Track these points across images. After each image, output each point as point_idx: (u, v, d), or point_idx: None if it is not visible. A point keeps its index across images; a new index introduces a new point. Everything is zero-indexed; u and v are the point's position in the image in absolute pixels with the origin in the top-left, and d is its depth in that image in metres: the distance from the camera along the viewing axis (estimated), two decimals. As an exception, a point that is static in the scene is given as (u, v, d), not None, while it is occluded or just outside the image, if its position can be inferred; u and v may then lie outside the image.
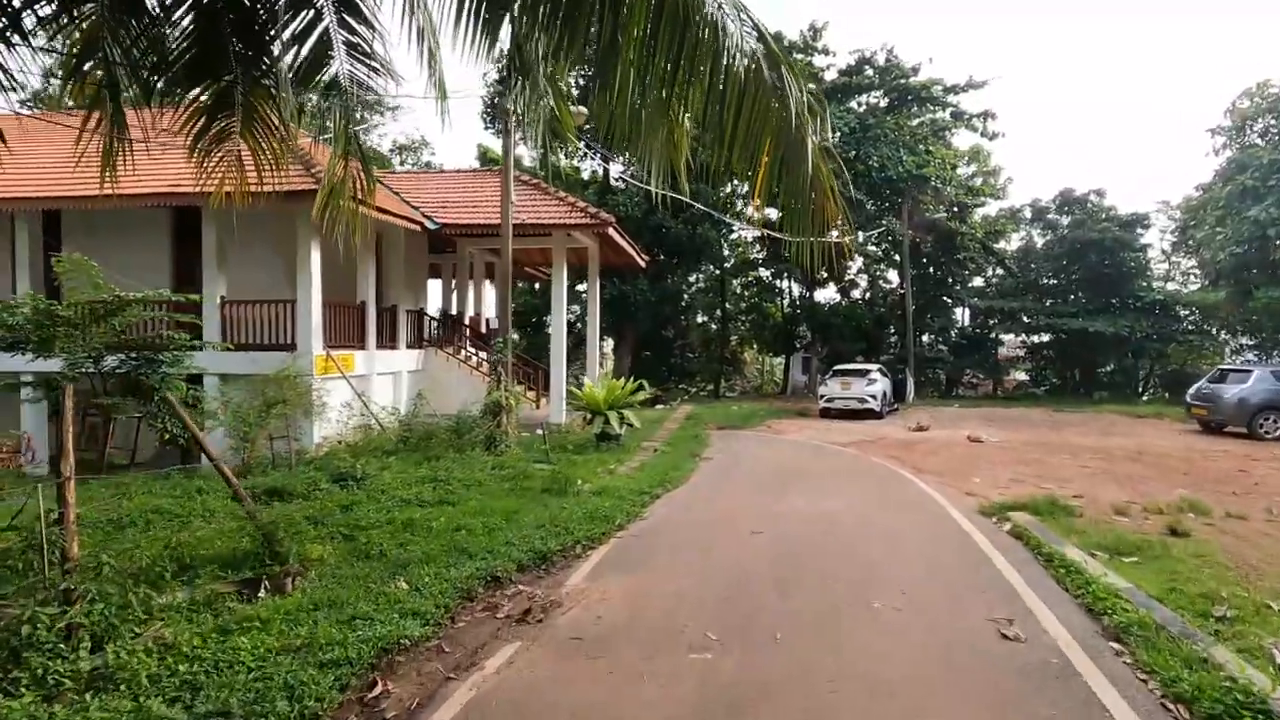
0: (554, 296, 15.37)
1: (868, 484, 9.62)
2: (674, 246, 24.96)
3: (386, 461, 9.81)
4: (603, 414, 12.63)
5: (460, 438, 11.19)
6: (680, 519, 7.63)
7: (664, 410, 20.76)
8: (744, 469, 10.89)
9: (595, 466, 10.64)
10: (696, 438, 14.35)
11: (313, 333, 12.26)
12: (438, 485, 8.74)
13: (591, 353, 19.02)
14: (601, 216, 14.00)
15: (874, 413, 19.01)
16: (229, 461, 10.27)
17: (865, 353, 28.73)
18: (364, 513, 7.17)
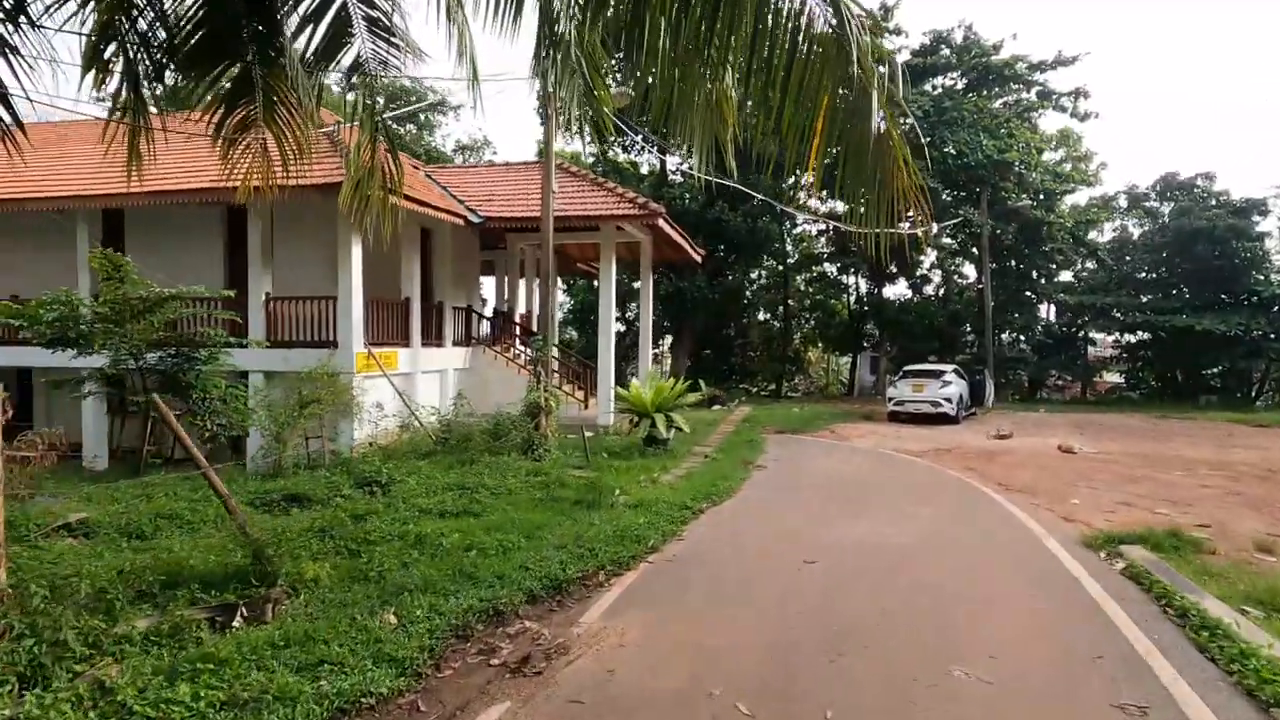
0: (602, 292, 14.65)
1: (943, 503, 8.44)
2: (733, 241, 23.91)
3: (417, 465, 9.29)
4: (649, 417, 11.83)
5: (497, 440, 10.59)
6: (722, 542, 6.72)
7: (720, 411, 19.79)
8: (800, 481, 9.85)
9: (637, 474, 9.84)
10: (751, 443, 13.35)
11: (353, 330, 11.91)
12: (464, 493, 8.12)
13: (643, 351, 18.22)
14: (651, 207, 13.18)
15: (949, 417, 17.51)
16: (261, 463, 10.05)
17: (938, 352, 26.93)
18: (377, 524, 6.59)
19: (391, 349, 13.04)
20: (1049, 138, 27.55)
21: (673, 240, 16.54)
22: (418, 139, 37.22)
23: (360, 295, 12.09)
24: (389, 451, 10.35)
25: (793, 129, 5.14)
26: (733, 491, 8.87)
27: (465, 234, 17.32)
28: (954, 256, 29.72)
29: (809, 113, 4.87)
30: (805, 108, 4.84)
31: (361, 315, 12.11)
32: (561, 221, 13.47)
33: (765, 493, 9.03)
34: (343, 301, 12.01)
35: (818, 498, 8.63)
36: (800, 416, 18.39)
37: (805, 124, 5.06)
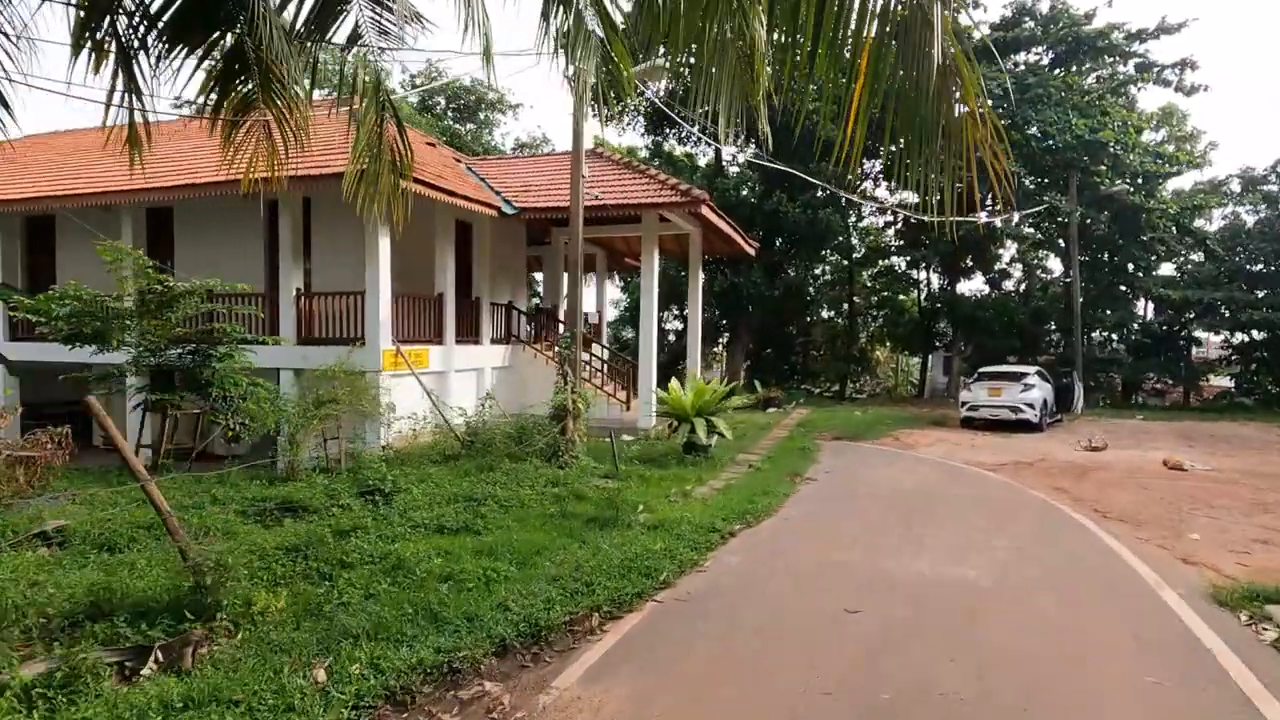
0: (643, 288, 13.74)
1: (1024, 532, 7.09)
2: (792, 233, 22.56)
3: (429, 472, 8.61)
4: (689, 421, 10.84)
5: (521, 444, 9.84)
6: (749, 576, 5.68)
7: (775, 414, 18.56)
8: (853, 499, 8.65)
9: (669, 486, 8.88)
10: (803, 451, 12.16)
11: (381, 326, 11.42)
12: (470, 506, 7.37)
13: (691, 351, 17.20)
14: (694, 193, 12.17)
15: (1030, 424, 15.76)
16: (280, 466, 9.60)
17: (1019, 352, 24.77)
18: (359, 543, 5.87)
19: (422, 347, 12.51)
20: (1149, 116, 24.92)
21: (722, 232, 15.48)
22: (477, 137, 37.28)
23: (387, 290, 11.59)
24: (409, 455, 9.74)
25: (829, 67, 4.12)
26: (772, 510, 7.79)
27: (509, 228, 16.75)
28: (1037, 248, 27.37)
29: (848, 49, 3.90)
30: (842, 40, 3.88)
31: (389, 311, 11.60)
32: (597, 211, 12.65)
33: (810, 513, 7.90)
34: (370, 297, 11.53)
35: (871, 521, 7.44)
36: (862, 421, 16.97)
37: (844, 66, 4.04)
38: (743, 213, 21.57)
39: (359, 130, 7.00)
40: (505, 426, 10.31)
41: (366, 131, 7.18)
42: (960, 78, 3.62)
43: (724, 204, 20.97)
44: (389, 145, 7.71)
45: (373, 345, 11.50)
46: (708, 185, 21.99)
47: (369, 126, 7.15)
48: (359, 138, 7.00)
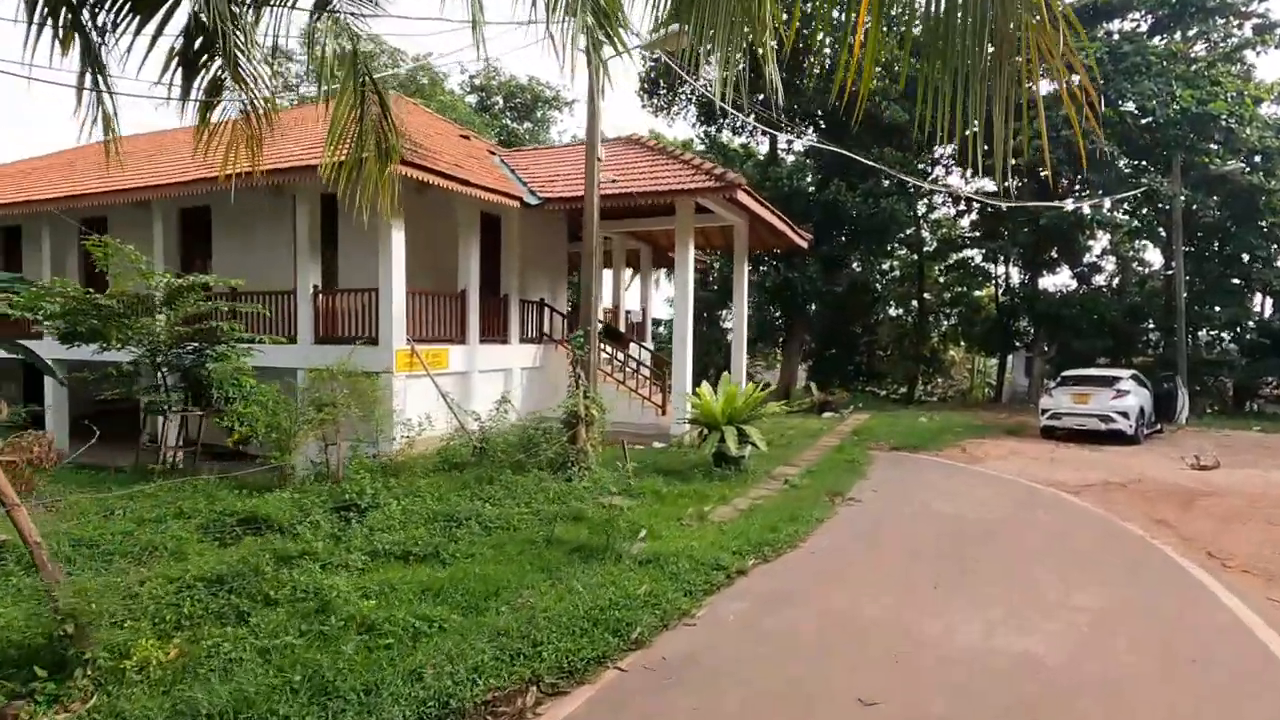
0: (676, 283, 12.66)
1: (1114, 587, 5.46)
2: (853, 224, 20.94)
3: (419, 484, 7.81)
4: (718, 430, 9.71)
5: (528, 454, 8.95)
6: (747, 637, 4.52)
7: (830, 420, 17.11)
8: (897, 528, 7.29)
9: (687, 505, 7.81)
10: (851, 464, 10.81)
11: (394, 324, 10.81)
12: (448, 527, 6.52)
13: (736, 351, 15.98)
14: (728, 178, 11.01)
15: (1124, 436, 13.79)
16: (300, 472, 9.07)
17: (1111, 353, 22.31)
18: (298, 574, 5.07)
19: (441, 346, 11.85)
20: (1269, 85, 21.94)
21: (769, 222, 14.24)
22: (535, 135, 37.08)
23: (401, 287, 10.97)
24: (412, 463, 8.97)
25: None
26: (798, 540, 6.58)
27: (544, 223, 16.03)
28: (1134, 238, 24.66)
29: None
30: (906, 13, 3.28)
31: (403, 308, 10.99)
32: (623, 200, 11.66)
33: (842, 546, 6.63)
34: (383, 293, 10.94)
35: (915, 561, 6.11)
36: (926, 429, 15.34)
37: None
38: (798, 204, 20.17)
39: (335, 109, 6.26)
40: (517, 433, 9.44)
41: (344, 111, 6.44)
42: (1044, 49, 2.87)
43: (777, 195, 19.64)
44: (372, 127, 6.96)
45: (385, 345, 10.91)
46: (760, 175, 20.68)
47: (346, 105, 6.41)
48: (335, 118, 6.27)
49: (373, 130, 7.33)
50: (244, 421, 8.32)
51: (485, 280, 13.75)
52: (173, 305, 8.97)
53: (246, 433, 8.32)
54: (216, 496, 7.46)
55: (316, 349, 11.42)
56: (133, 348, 9.27)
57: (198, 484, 7.88)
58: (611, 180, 9.94)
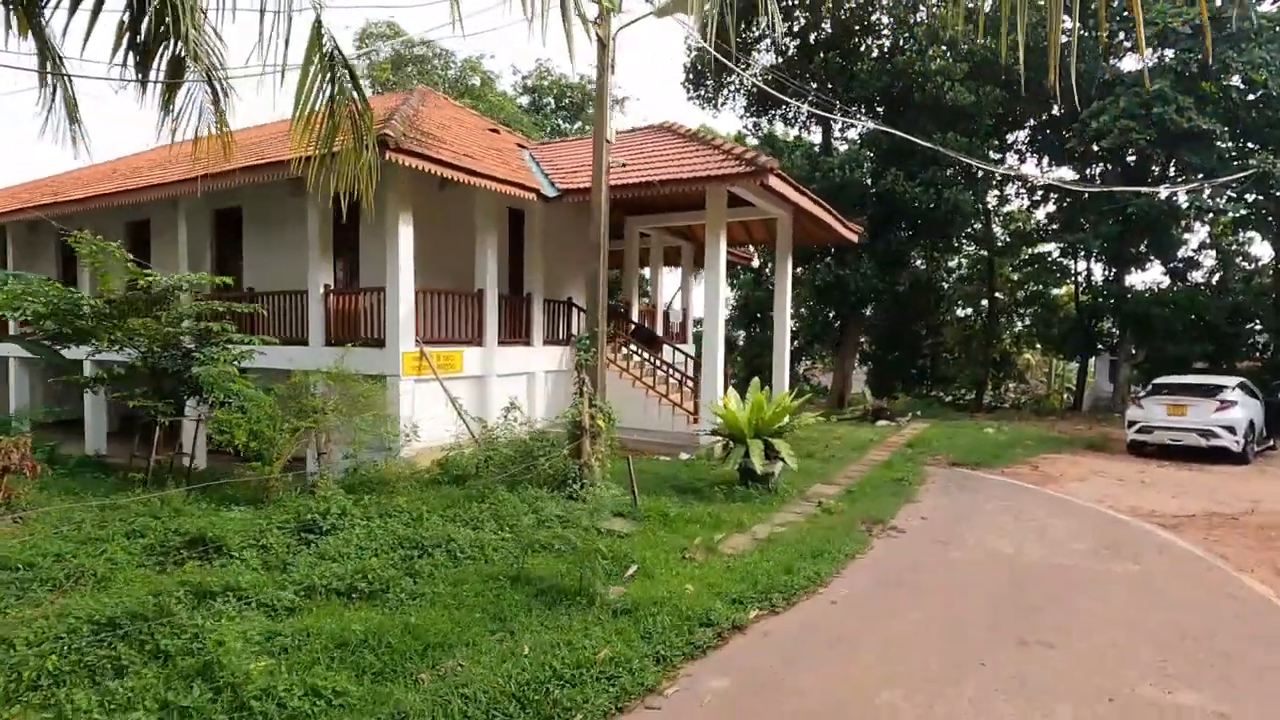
0: (706, 281, 11.60)
1: (1233, 674, 4.13)
2: (912, 217, 19.34)
3: (398, 503, 7.05)
4: (743, 443, 8.63)
5: (526, 469, 8.10)
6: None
7: (884, 429, 15.67)
8: (944, 573, 6.00)
9: (698, 531, 6.79)
10: (900, 483, 9.51)
11: (400, 325, 10.19)
12: (413, 555, 5.72)
13: (778, 355, 14.78)
14: (759, 161, 9.89)
15: (1230, 454, 11.91)
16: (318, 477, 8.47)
17: (1211, 358, 19.91)
18: (205, 618, 4.33)
19: (455, 349, 11.17)
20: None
21: (813, 215, 13.02)
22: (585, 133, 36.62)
23: (409, 285, 10.35)
24: (399, 477, 8.25)
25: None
26: (818, 584, 5.46)
27: (574, 218, 15.27)
28: (1238, 228, 22.05)
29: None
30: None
31: (411, 308, 10.36)
32: (645, 190, 10.69)
33: (870, 594, 5.45)
34: (390, 292, 10.34)
35: (961, 624, 4.86)
36: (993, 441, 13.76)
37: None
38: (850, 196, 18.75)
39: (299, 88, 5.58)
40: (519, 444, 8.58)
41: (310, 89, 5.74)
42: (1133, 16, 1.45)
43: (828, 187, 18.30)
44: (347, 111, 6.28)
45: (392, 347, 10.30)
46: (809, 167, 19.35)
47: (309, 86, 5.72)
48: (300, 97, 5.58)
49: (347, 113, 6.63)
50: (223, 429, 7.78)
51: (510, 279, 13.04)
52: (164, 305, 8.54)
53: (225, 441, 7.77)
54: (183, 511, 6.89)
55: (329, 351, 10.91)
56: (130, 350, 8.91)
57: (173, 496, 7.37)
58: (621, 165, 8.96)
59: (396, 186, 10.23)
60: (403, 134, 9.25)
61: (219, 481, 7.69)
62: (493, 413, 10.75)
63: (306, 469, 8.93)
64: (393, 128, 8.93)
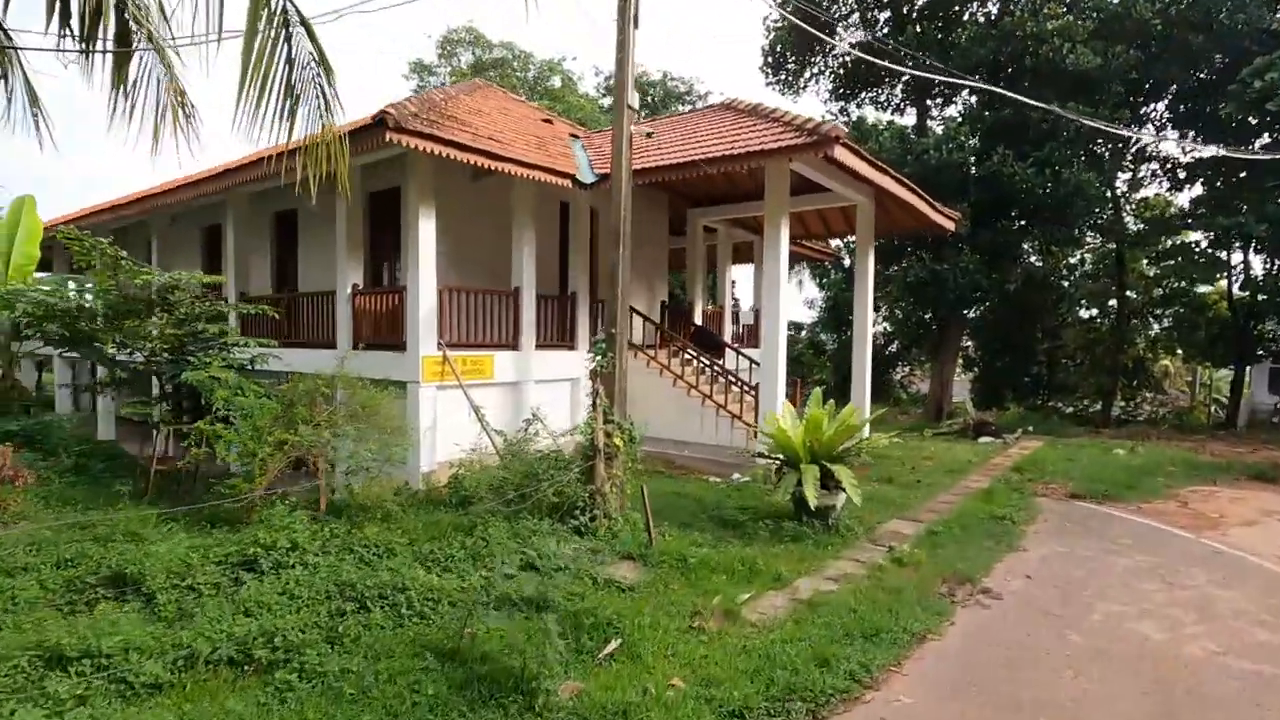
0: (766, 276, 10.00)
1: None
2: (1023, 203, 16.78)
3: (365, 534, 5.98)
4: (796, 468, 7.06)
5: (528, 494, 6.86)
6: None
7: (986, 448, 13.44)
8: (1051, 673, 4.15)
9: (721, 586, 5.33)
10: (1001, 522, 7.58)
11: (420, 327, 9.31)
12: (343, 611, 4.60)
13: (858, 361, 12.91)
14: (821, 129, 8.23)
15: None
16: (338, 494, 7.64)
17: None
18: (18, 705, 3.35)
19: (485, 352, 10.18)
20: None
21: (900, 199, 11.15)
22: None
23: (431, 283, 9.47)
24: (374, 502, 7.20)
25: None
26: (865, 685, 3.86)
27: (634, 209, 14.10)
28: None
29: None
30: None
31: (433, 309, 9.47)
32: (687, 171, 9.28)
33: (941, 708, 3.80)
34: (410, 291, 9.48)
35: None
36: (1124, 466, 11.33)
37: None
38: (949, 180, 16.49)
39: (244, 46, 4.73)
40: (527, 463, 7.35)
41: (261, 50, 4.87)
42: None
43: (922, 171, 16.15)
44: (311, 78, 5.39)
45: (411, 350, 9.42)
46: (900, 149, 17.22)
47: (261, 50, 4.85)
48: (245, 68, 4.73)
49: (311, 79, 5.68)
50: (200, 441, 7.04)
51: (559, 278, 11.93)
52: (165, 305, 7.97)
53: (202, 455, 7.02)
54: (141, 535, 6.14)
55: (362, 355, 10.21)
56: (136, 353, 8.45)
57: (147, 514, 6.67)
58: (646, 135, 7.52)
59: (417, 176, 9.34)
60: (413, 114, 8.31)
61: (196, 505, 6.92)
62: (511, 423, 9.65)
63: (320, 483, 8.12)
64: (397, 107, 7.99)
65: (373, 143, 7.88)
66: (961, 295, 17.68)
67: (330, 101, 5.83)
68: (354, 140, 8.23)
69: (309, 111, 5.72)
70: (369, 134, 7.89)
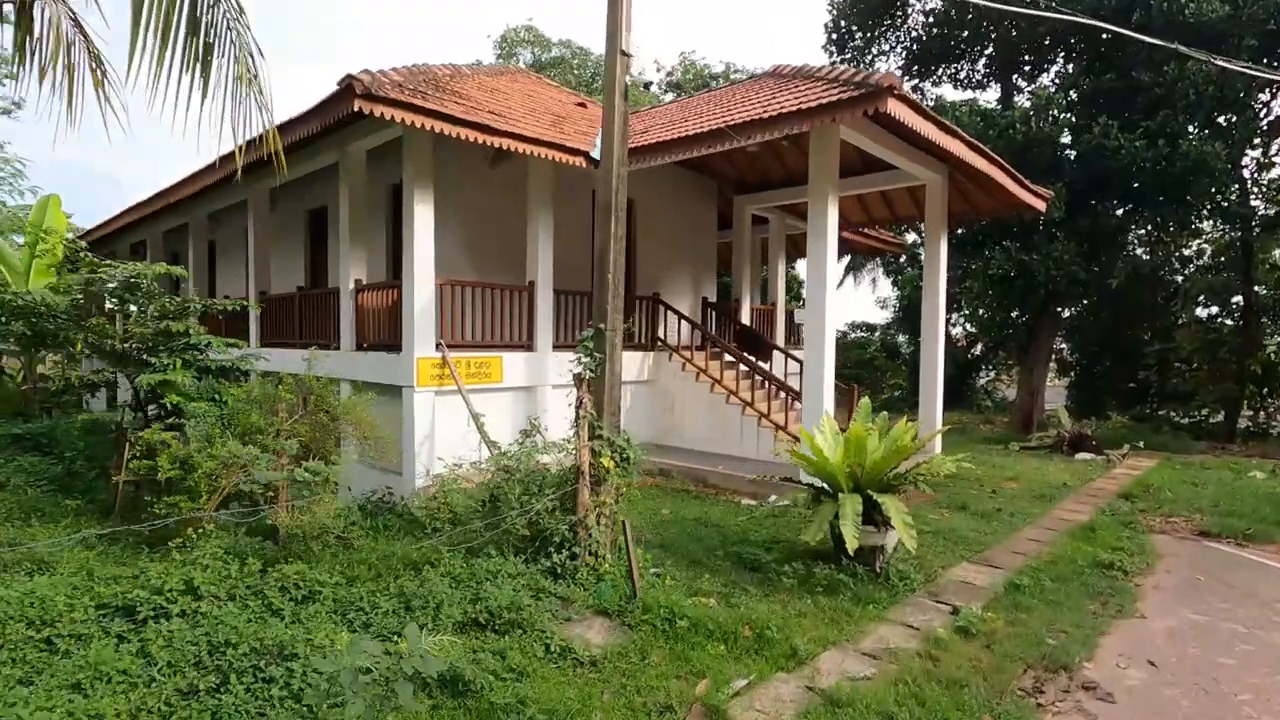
0: (809, 266, 8.46)
1: None
2: (1130, 182, 14.44)
3: (285, 574, 4.92)
4: (834, 497, 5.60)
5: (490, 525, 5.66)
6: None
7: (1085, 466, 11.39)
8: None
9: (710, 664, 3.98)
10: (1108, 575, 5.85)
11: (415, 325, 8.38)
12: (193, 689, 3.53)
13: (928, 366, 11.15)
14: (872, 80, 6.71)
15: None
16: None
17: None
18: None
19: (492, 353, 9.16)
20: None
21: (976, 170, 9.42)
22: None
23: (429, 277, 8.54)
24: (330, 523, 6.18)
25: None
26: None
27: (673, 199, 12.95)
28: None
29: None
30: None
31: (430, 305, 8.51)
32: (715, 144, 7.92)
33: None
34: (405, 286, 8.56)
35: None
36: (1266, 495, 9.14)
37: None
38: (1039, 158, 14.39)
39: None
40: (492, 486, 6.16)
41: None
42: None
43: (1007, 148, 14.10)
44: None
45: (406, 351, 8.48)
46: (982, 126, 15.18)
47: None
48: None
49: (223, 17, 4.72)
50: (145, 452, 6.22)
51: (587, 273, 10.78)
52: (127, 303, 7.29)
53: (143, 467, 6.19)
54: (53, 564, 5.32)
55: (361, 357, 9.39)
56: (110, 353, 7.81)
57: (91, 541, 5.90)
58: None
59: (413, 157, 8.38)
60: (397, 84, 7.31)
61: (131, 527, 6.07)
62: (552, 430, 8.50)
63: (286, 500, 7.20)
64: (372, 74, 7.01)
65: (340, 114, 6.93)
66: (1054, 290, 15.45)
67: (251, 54, 4.86)
68: (321, 112, 7.34)
69: (227, 65, 4.78)
70: (336, 105, 6.94)
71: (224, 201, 12.85)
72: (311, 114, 7.35)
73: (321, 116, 7.26)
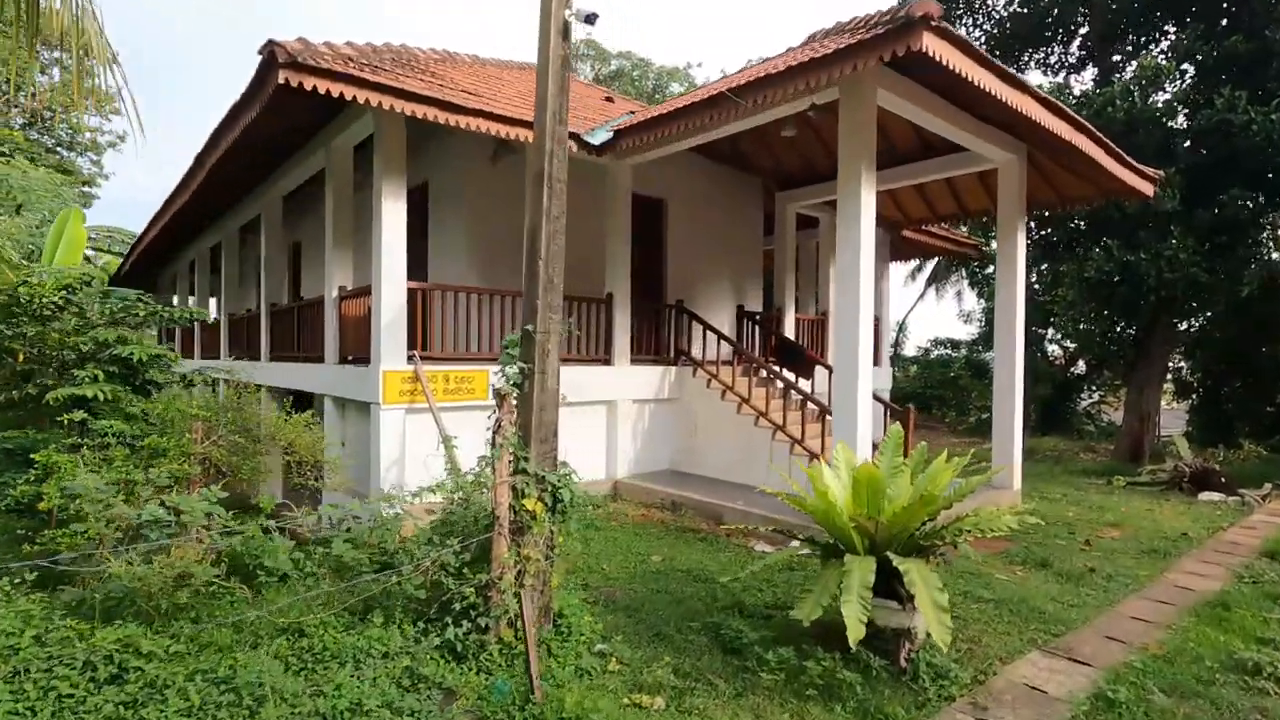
0: (838, 264, 6.88)
1: None
2: (1264, 165, 11.95)
3: (95, 640, 3.88)
4: (835, 558, 4.09)
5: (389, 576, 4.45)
6: None
7: (1210, 510, 9.12)
8: None
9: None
10: (1253, 685, 4.03)
11: (383, 335, 7.44)
12: None
13: (1001, 384, 9.24)
14: (902, 12, 5.20)
15: None
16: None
17: None
18: None
19: (477, 367, 8.10)
20: None
21: (1062, 141, 7.59)
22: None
23: (399, 282, 7.62)
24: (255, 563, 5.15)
25: None
26: None
27: (706, 197, 11.67)
28: None
29: None
30: None
31: (401, 313, 7.58)
32: (724, 116, 6.57)
33: None
34: (374, 292, 7.64)
35: None
36: None
37: None
38: (1146, 140, 12.16)
39: None
40: (380, 532, 4.95)
41: None
42: None
43: (1105, 129, 11.98)
44: None
45: (374, 364, 7.53)
46: (1076, 104, 13.06)
47: None
48: None
49: None
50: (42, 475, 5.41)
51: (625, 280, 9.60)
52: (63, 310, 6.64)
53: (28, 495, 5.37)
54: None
55: (344, 371, 8.54)
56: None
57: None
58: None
59: (383, 145, 7.49)
60: (347, 58, 6.40)
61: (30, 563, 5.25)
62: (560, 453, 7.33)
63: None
64: (307, 44, 6.09)
65: (269, 92, 6.01)
66: (1168, 296, 13.02)
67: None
68: (254, 93, 6.49)
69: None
70: (262, 80, 6.05)
71: (245, 215, 12.55)
72: (246, 96, 6.53)
73: (259, 97, 6.41)
